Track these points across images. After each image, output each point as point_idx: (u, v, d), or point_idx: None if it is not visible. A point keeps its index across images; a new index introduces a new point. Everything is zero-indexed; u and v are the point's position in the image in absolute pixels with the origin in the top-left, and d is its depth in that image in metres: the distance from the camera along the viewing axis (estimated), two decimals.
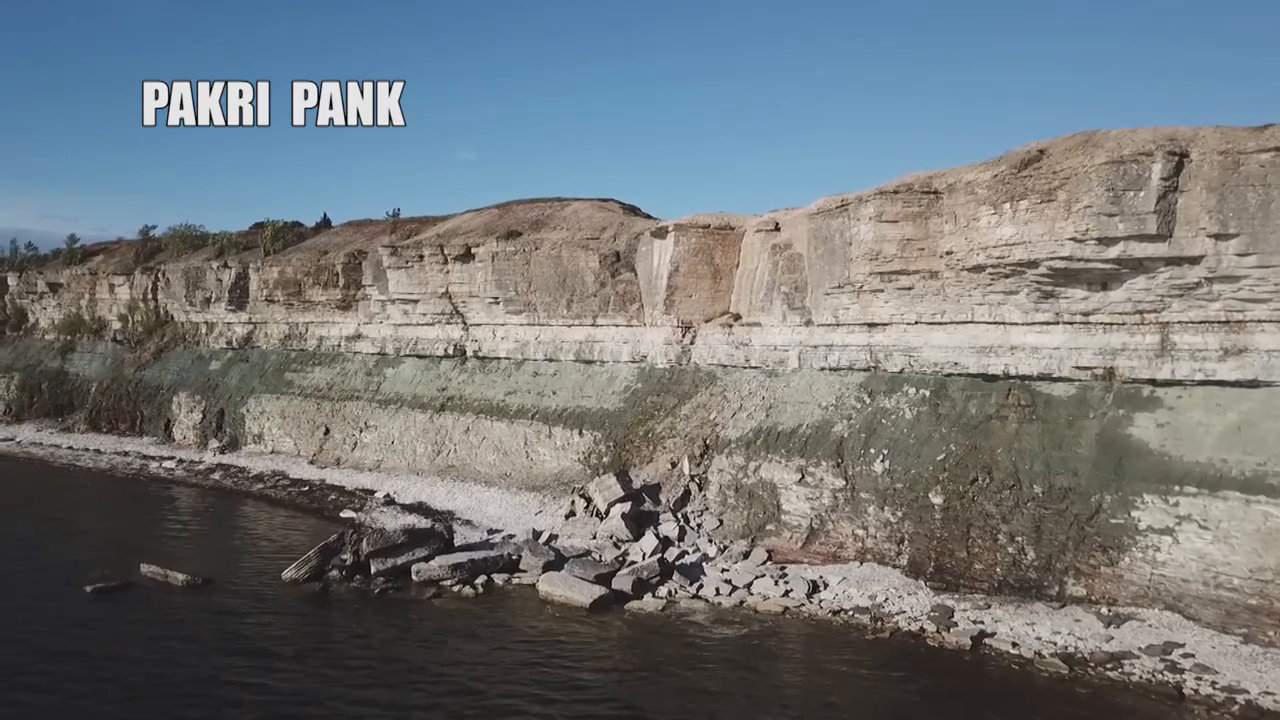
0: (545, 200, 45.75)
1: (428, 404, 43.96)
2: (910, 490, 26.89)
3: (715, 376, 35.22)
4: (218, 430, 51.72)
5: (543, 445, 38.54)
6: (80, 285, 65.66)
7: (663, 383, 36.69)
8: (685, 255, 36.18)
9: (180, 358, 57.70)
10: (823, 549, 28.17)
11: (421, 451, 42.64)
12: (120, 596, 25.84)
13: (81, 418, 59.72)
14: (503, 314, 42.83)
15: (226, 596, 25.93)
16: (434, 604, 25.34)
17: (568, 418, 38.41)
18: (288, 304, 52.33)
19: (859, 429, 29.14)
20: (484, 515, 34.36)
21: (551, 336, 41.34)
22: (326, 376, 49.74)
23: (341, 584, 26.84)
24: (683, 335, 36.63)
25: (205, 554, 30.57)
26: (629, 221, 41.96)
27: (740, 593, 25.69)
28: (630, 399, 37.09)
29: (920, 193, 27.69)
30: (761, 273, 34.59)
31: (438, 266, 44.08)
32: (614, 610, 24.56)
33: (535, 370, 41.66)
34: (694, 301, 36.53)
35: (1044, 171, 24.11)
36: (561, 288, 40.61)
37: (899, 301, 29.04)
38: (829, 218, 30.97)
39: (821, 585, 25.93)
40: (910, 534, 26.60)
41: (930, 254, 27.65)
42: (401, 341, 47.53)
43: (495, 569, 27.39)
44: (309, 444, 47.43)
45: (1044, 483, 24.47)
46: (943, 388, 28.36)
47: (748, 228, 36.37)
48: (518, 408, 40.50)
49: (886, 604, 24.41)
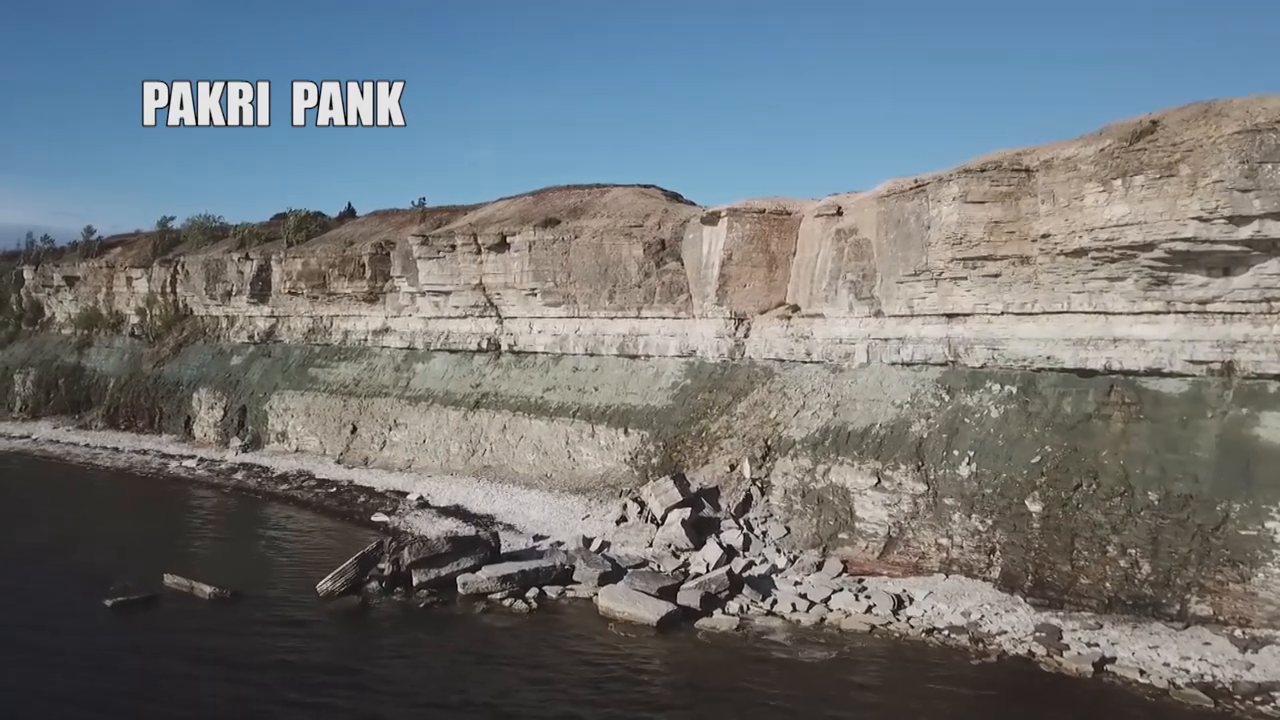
0: (583, 187, 43.52)
1: (460, 401, 41.83)
2: (1001, 496, 24.54)
3: (772, 372, 32.92)
4: (239, 428, 49.76)
5: (585, 445, 36.33)
6: (97, 278, 63.90)
7: (714, 379, 34.41)
8: (739, 242, 33.88)
9: (200, 353, 55.79)
10: (902, 560, 25.87)
11: (455, 451, 40.50)
12: (143, 611, 23.81)
13: (99, 415, 57.93)
14: (540, 306, 40.63)
15: (257, 611, 23.85)
16: (484, 620, 23.16)
17: (611, 416, 36.19)
18: (311, 297, 50.31)
19: (939, 429, 26.80)
20: (527, 520, 32.17)
21: (592, 330, 39.12)
22: (353, 372, 47.68)
23: (381, 597, 24.75)
24: (736, 328, 34.34)
25: (231, 562, 28.50)
26: (673, 208, 39.70)
27: (819, 609, 23.41)
28: (679, 396, 34.83)
29: (1010, 170, 25.29)
30: (823, 260, 32.26)
31: (471, 256, 41.92)
32: (683, 628, 22.32)
33: (575, 365, 39.45)
34: (748, 292, 34.22)
35: (1161, 144, 21.67)
36: (603, 278, 38.38)
37: (983, 290, 26.67)
38: (902, 200, 28.64)
39: (906, 600, 23.64)
40: (1003, 544, 24.26)
41: (1021, 237, 25.27)
42: (432, 335, 45.41)
43: (547, 580, 25.21)
44: (335, 443, 45.39)
45: (1159, 489, 22.07)
46: (1031, 384, 25.97)
47: (806, 213, 34.03)
48: (557, 405, 38.31)
49: (984, 622, 22.09)
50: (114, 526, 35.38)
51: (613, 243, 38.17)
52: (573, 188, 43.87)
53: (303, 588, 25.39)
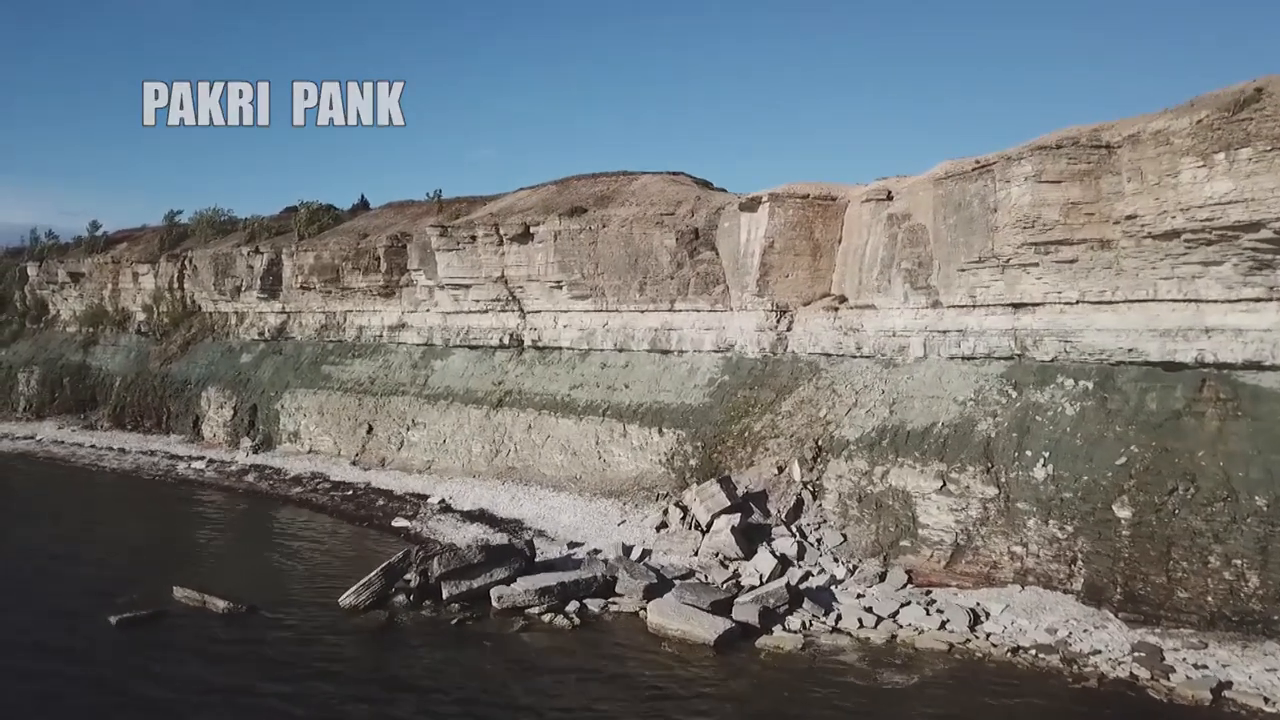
0: (609, 174, 41.55)
1: (482, 399, 39.90)
2: (1083, 501, 22.52)
3: (819, 367, 30.93)
4: (250, 428, 47.90)
5: (617, 445, 34.37)
6: (103, 274, 62.12)
7: (755, 374, 32.42)
8: (781, 229, 31.86)
9: (209, 350, 53.96)
10: (972, 569, 23.86)
11: (478, 451, 38.57)
12: (151, 629, 21.88)
13: (105, 415, 56.17)
14: (565, 299, 38.68)
15: (275, 628, 21.93)
16: (523, 639, 21.19)
17: (644, 414, 34.22)
18: (324, 291, 48.42)
19: (1008, 428, 24.78)
20: (558, 525, 30.23)
21: (622, 324, 37.15)
22: (368, 369, 45.79)
23: (409, 611, 22.82)
24: (777, 320, 32.34)
25: (246, 573, 26.60)
26: (706, 195, 37.72)
27: (887, 624, 21.42)
28: (717, 393, 32.85)
29: (1089, 147, 23.22)
30: (873, 248, 30.24)
31: (492, 248, 39.97)
32: (742, 647, 20.35)
33: (603, 361, 37.49)
34: (790, 282, 32.22)
35: (1270, 113, 19.62)
36: (633, 269, 36.41)
37: (1056, 277, 24.63)
38: (963, 182, 26.62)
39: (982, 615, 21.64)
40: (1086, 553, 22.23)
41: (1101, 219, 23.22)
42: (451, 331, 43.49)
43: (588, 593, 23.26)
44: (350, 443, 43.50)
45: (1267, 494, 20.03)
46: (1109, 379, 23.96)
47: (852, 198, 32.02)
48: (586, 403, 36.35)
49: (1073, 640, 20.08)
50: (120, 532, 33.49)
51: (643, 232, 36.20)
52: (598, 176, 41.90)
53: (323, 601, 23.50)
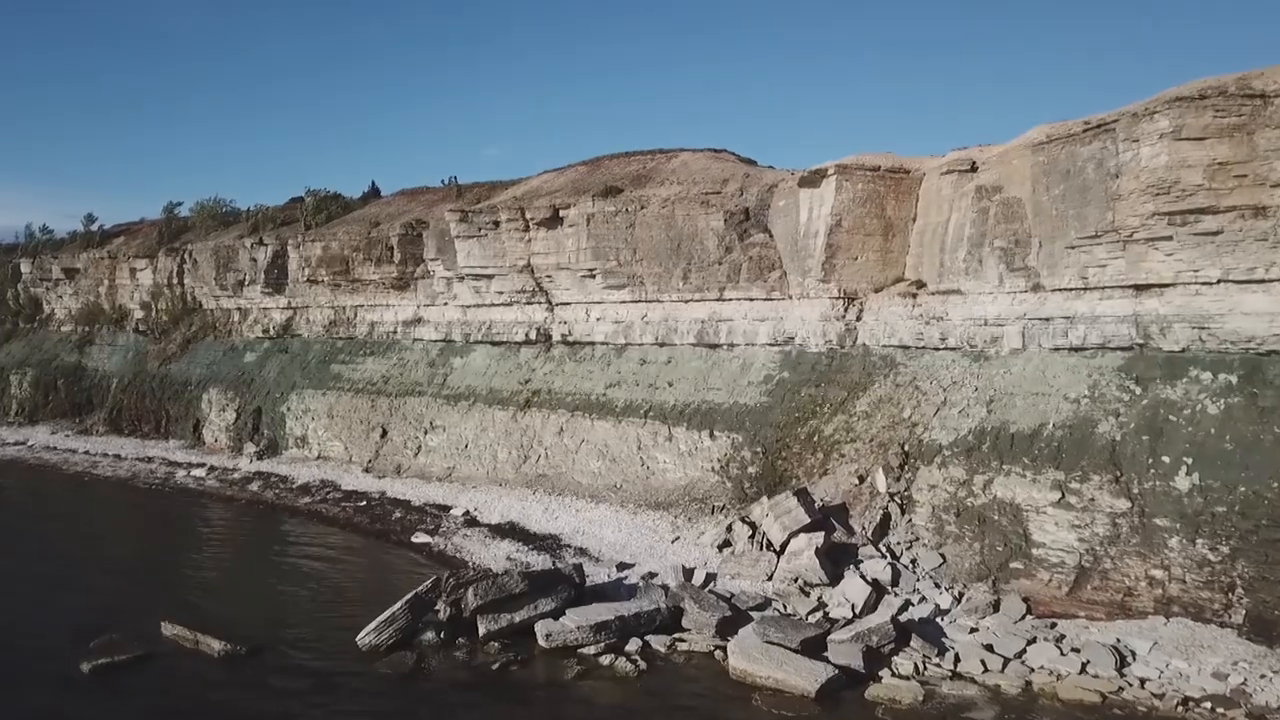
0: (645, 153, 37.98)
1: (508, 399, 36.35)
2: (1242, 517, 18.87)
3: (895, 361, 27.30)
4: (254, 432, 44.42)
5: (662, 450, 30.79)
6: (99, 270, 58.73)
7: (819, 370, 28.80)
8: (850, 206, 28.25)
9: (210, 349, 50.50)
10: (1101, 596, 20.21)
11: (504, 457, 35.02)
12: (131, 677, 18.37)
13: (100, 418, 52.76)
14: (599, 289, 35.10)
15: (280, 674, 18.44)
16: (581, 687, 17.61)
17: (691, 415, 30.64)
18: (333, 285, 44.91)
19: (1136, 429, 21.13)
20: (602, 543, 26.68)
21: (663, 315, 33.56)
22: (381, 368, 42.28)
23: (440, 652, 19.28)
24: (845, 309, 28.73)
25: (247, 602, 23.13)
26: (755, 172, 34.10)
27: (1016, 667, 17.82)
28: (776, 392, 29.24)
29: (1239, 97, 19.58)
30: (958, 226, 26.60)
31: (517, 234, 36.42)
32: (849, 698, 16.75)
33: (642, 357, 33.90)
34: (859, 266, 28.61)
35: None
36: (675, 255, 32.83)
37: (1193, 252, 20.96)
38: (1072, 145, 22.98)
39: (1127, 654, 18.03)
40: (1247, 579, 18.59)
41: (1256, 182, 19.58)
42: (471, 326, 39.94)
43: (650, 628, 19.70)
44: (362, 448, 39.99)
45: None
46: (1257, 371, 20.29)
47: (928, 170, 28.39)
48: (624, 403, 32.77)
49: (1252, 689, 16.46)
50: (108, 551, 29.96)
51: (686, 213, 32.62)
52: (632, 154, 38.34)
53: (338, 639, 19.95)
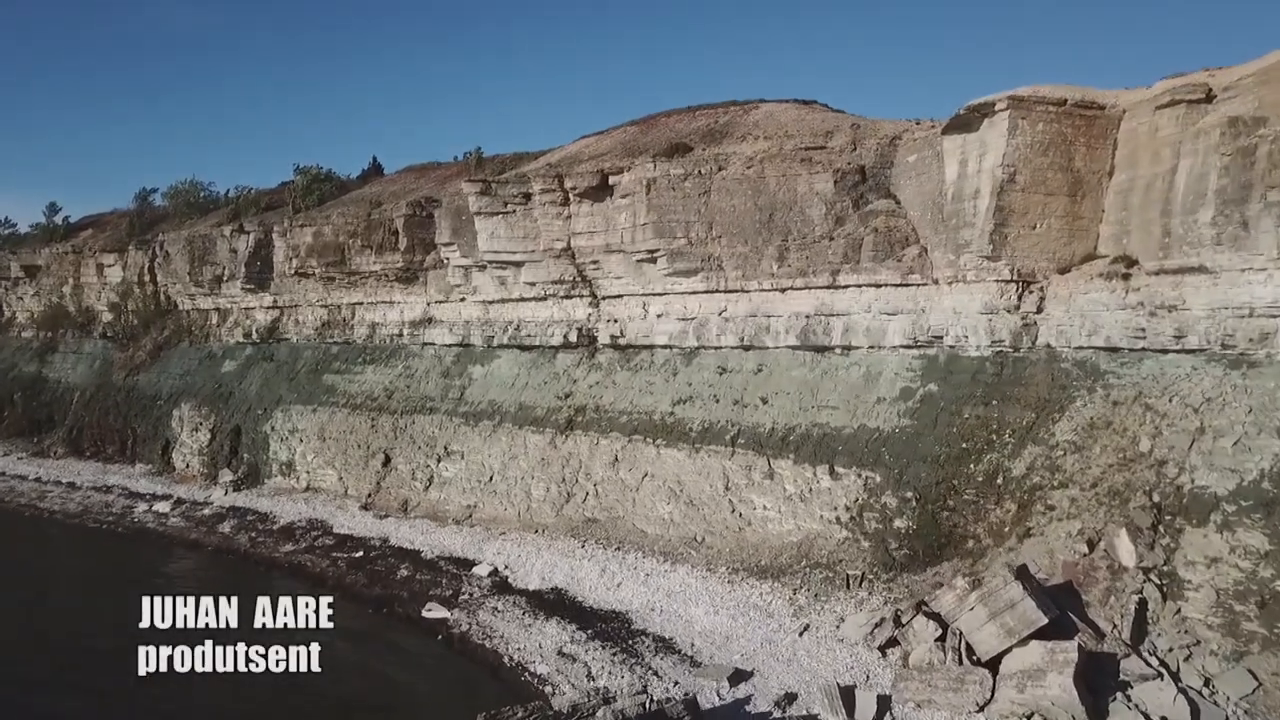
0: (715, 105, 30.21)
1: (543, 419, 28.60)
2: None
3: (1099, 369, 19.38)
4: (231, 456, 36.79)
5: (759, 492, 22.94)
6: (63, 267, 51.30)
7: (983, 382, 20.92)
8: (1028, 155, 20.36)
9: (184, 357, 42.96)
10: None
11: (540, 495, 27.23)
12: None
13: (59, 438, 45.22)
14: (661, 277, 27.27)
15: None
16: None
17: (799, 444, 22.82)
18: (326, 278, 37.27)
19: None
20: (692, 630, 18.84)
21: (750, 308, 25.74)
22: (384, 379, 34.58)
23: None
24: (1020, 296, 20.86)
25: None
26: (866, 123, 26.29)
27: None
28: (921, 412, 21.39)
29: None
30: (1195, 177, 18.60)
31: (554, 209, 28.67)
32: None
33: (722, 364, 26.10)
34: (1039, 237, 20.72)
35: None
36: (767, 229, 25.04)
37: None
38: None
39: None
40: None
41: None
42: (495, 326, 32.19)
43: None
44: (360, 479, 32.28)
45: None
46: None
47: (1130, 105, 20.47)
48: (701, 426, 24.98)
49: None
50: (13, 642, 22.16)
51: (780, 174, 24.84)
52: (698, 108, 30.55)
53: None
